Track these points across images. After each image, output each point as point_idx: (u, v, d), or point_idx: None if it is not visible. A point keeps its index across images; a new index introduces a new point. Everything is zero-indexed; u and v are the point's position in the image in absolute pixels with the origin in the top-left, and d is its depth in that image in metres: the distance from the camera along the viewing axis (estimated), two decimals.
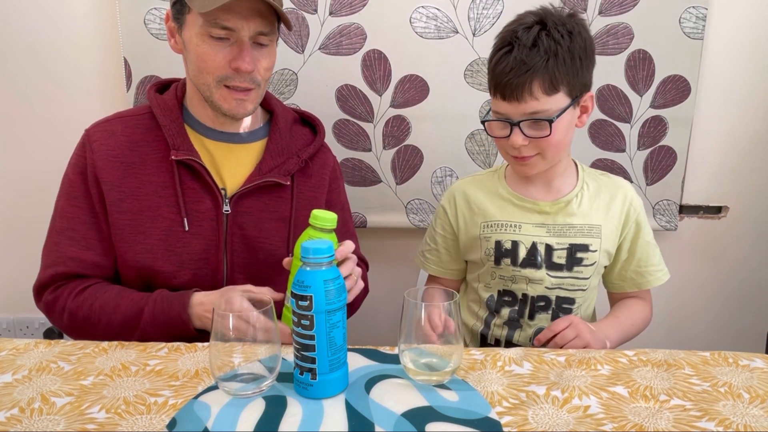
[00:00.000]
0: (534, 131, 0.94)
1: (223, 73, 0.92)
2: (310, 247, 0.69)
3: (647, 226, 1.08)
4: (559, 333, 0.93)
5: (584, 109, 1.00)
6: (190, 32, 0.92)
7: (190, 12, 0.90)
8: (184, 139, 0.98)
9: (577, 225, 1.04)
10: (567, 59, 0.91)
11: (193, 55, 0.93)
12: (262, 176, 1.00)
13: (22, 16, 1.44)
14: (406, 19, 1.38)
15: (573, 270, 1.04)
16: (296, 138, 1.08)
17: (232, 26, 0.88)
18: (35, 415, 0.67)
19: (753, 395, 0.71)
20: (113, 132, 0.99)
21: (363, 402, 0.70)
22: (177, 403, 0.69)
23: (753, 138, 1.50)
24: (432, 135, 1.46)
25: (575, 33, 0.93)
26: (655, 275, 1.08)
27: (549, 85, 0.91)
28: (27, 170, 1.53)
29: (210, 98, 0.95)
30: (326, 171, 1.10)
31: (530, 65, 0.90)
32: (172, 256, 0.97)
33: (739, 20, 1.42)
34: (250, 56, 0.91)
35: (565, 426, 0.65)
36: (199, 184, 0.98)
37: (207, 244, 0.98)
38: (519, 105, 0.92)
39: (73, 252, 0.96)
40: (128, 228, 0.96)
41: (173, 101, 1.01)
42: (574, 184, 1.06)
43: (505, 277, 1.07)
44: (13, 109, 1.50)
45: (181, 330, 0.89)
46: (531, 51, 0.91)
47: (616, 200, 1.06)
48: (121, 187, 0.96)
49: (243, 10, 0.88)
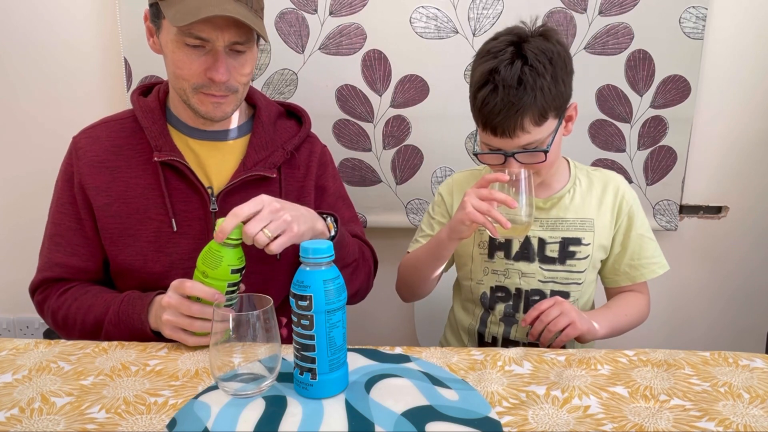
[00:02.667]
0: (529, 158, 0.96)
1: (197, 81, 0.91)
2: (310, 247, 0.69)
3: (641, 219, 1.08)
4: (544, 311, 0.94)
5: (569, 119, 1.01)
6: (165, 37, 0.91)
7: (165, 17, 0.89)
8: (166, 140, 0.98)
9: (569, 219, 1.05)
10: (552, 88, 0.92)
11: (169, 60, 0.92)
12: (247, 171, 0.99)
13: (22, 17, 1.44)
14: (406, 19, 1.38)
15: (566, 263, 1.05)
16: (281, 131, 1.08)
17: (206, 37, 0.87)
18: (35, 415, 0.67)
19: (753, 395, 0.71)
20: (98, 137, 1.00)
21: (363, 402, 0.70)
22: (177, 403, 0.69)
23: (753, 138, 1.50)
24: (432, 135, 1.46)
25: (555, 56, 0.92)
26: (649, 267, 1.07)
27: (539, 117, 0.92)
28: (28, 171, 1.53)
29: (187, 102, 0.95)
30: (313, 159, 1.09)
31: (519, 105, 0.90)
32: (162, 257, 0.97)
33: (739, 20, 1.42)
34: (224, 66, 0.90)
35: (565, 426, 0.65)
36: (185, 184, 0.98)
37: (196, 243, 0.97)
38: (512, 140, 0.93)
39: (59, 258, 0.98)
40: (117, 232, 0.97)
41: (155, 103, 1.01)
42: (566, 181, 1.08)
43: (498, 271, 1.07)
44: (13, 110, 1.50)
45: (139, 331, 0.88)
46: (518, 91, 0.90)
47: (608, 193, 1.07)
48: (109, 192, 0.97)
49: (218, 21, 0.86)
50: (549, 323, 0.94)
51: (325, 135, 1.44)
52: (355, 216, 1.16)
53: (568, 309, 0.94)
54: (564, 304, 0.95)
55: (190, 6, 0.84)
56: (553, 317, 0.93)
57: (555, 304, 0.95)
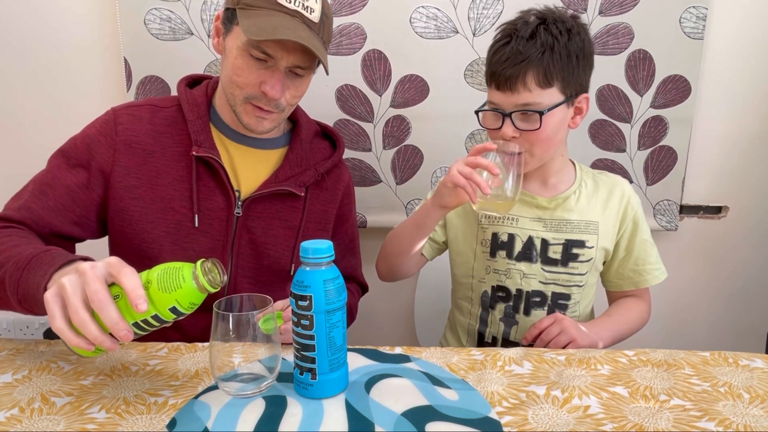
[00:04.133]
0: (525, 124, 0.95)
1: (251, 91, 0.92)
2: (310, 247, 0.69)
3: (645, 225, 1.08)
4: (544, 330, 0.94)
5: (578, 111, 1.00)
6: (232, 42, 0.92)
7: (238, 24, 0.90)
8: (207, 136, 0.98)
9: (574, 221, 1.05)
10: (563, 55, 0.93)
11: (229, 64, 0.93)
12: (278, 184, 1.00)
13: (22, 17, 1.44)
14: (406, 19, 1.38)
15: (568, 265, 1.04)
16: (315, 151, 1.09)
17: (272, 54, 0.89)
18: (35, 415, 0.67)
19: (753, 395, 0.71)
20: (140, 117, 0.98)
21: (363, 402, 0.70)
22: (177, 403, 0.69)
23: (753, 138, 1.50)
24: (432, 135, 1.46)
25: (574, 32, 0.94)
26: (652, 273, 1.08)
27: (543, 78, 0.92)
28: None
29: (234, 108, 0.96)
30: (340, 186, 1.11)
31: (525, 56, 0.92)
32: (177, 251, 0.97)
33: (739, 20, 1.42)
34: (281, 85, 0.91)
35: (565, 426, 0.65)
36: (215, 182, 0.98)
37: (214, 242, 0.98)
38: (512, 95, 0.94)
39: (35, 205, 0.90)
40: (137, 215, 0.96)
41: (203, 98, 1.01)
42: (572, 182, 1.07)
43: (499, 270, 1.07)
44: (13, 110, 1.50)
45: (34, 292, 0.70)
46: (528, 43, 0.93)
47: (614, 197, 1.07)
48: (138, 174, 0.96)
49: (288, 42, 0.88)
50: (549, 342, 0.94)
51: None
52: (359, 248, 1.20)
53: (568, 326, 0.94)
54: (564, 321, 0.95)
55: (267, 24, 0.86)
56: (553, 336, 0.93)
57: (555, 322, 0.95)
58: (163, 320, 0.67)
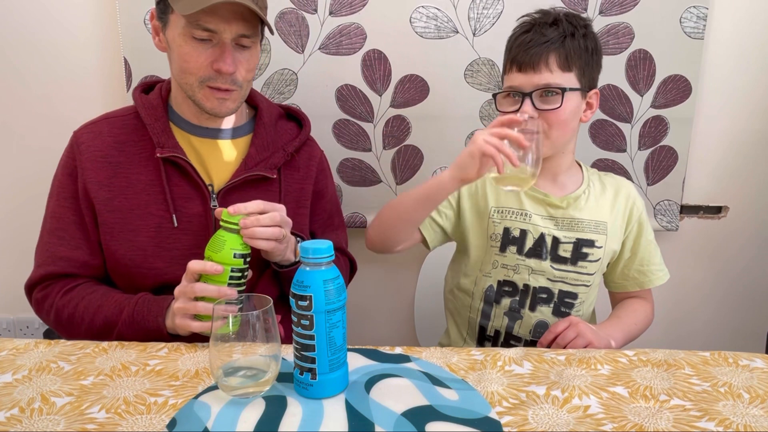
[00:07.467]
0: (545, 104, 0.98)
1: (205, 73, 0.93)
2: (310, 247, 0.69)
3: (649, 226, 1.09)
4: (559, 334, 0.94)
5: (589, 105, 1.04)
6: (173, 32, 0.93)
7: (173, 12, 0.91)
8: (168, 136, 0.99)
9: (585, 220, 1.05)
10: (582, 44, 0.98)
11: (176, 54, 0.94)
12: (249, 170, 1.01)
13: (22, 16, 1.44)
14: (406, 19, 1.38)
15: (577, 264, 1.05)
16: (282, 132, 1.10)
17: (214, 28, 0.90)
18: (35, 415, 0.67)
19: (753, 395, 0.71)
20: (100, 133, 1.00)
21: (363, 402, 0.70)
22: (177, 403, 0.69)
23: (753, 138, 1.50)
24: (432, 135, 1.45)
25: (589, 31, 1.01)
26: (656, 275, 1.09)
27: (564, 61, 0.97)
28: (27, 171, 1.53)
29: (193, 97, 0.97)
30: (313, 163, 1.11)
31: (548, 38, 0.97)
32: (162, 253, 0.97)
33: (739, 20, 1.41)
34: (231, 58, 0.92)
35: (565, 426, 0.65)
36: (186, 180, 0.99)
37: (196, 239, 0.98)
38: (534, 75, 0.97)
39: (63, 251, 0.98)
40: (118, 226, 0.97)
41: (158, 100, 1.02)
42: (580, 182, 1.08)
43: (507, 266, 1.07)
44: (12, 109, 1.50)
45: (155, 333, 0.89)
46: (550, 28, 0.98)
47: (620, 199, 1.08)
48: (110, 186, 0.97)
49: (225, 13, 0.89)
50: (566, 346, 0.93)
51: (325, 135, 1.44)
52: (342, 223, 1.21)
53: (583, 330, 0.94)
54: (579, 324, 0.94)
55: None
56: (569, 339, 0.93)
57: (570, 326, 0.94)
58: (239, 268, 0.85)
